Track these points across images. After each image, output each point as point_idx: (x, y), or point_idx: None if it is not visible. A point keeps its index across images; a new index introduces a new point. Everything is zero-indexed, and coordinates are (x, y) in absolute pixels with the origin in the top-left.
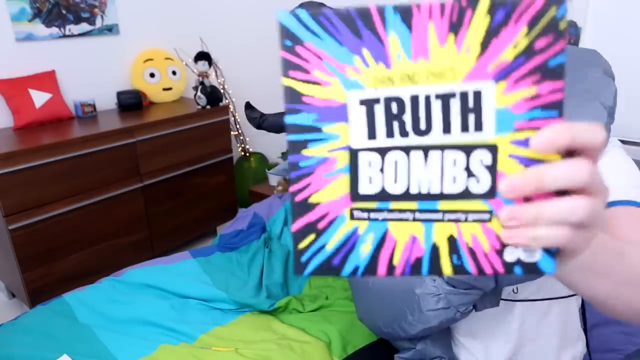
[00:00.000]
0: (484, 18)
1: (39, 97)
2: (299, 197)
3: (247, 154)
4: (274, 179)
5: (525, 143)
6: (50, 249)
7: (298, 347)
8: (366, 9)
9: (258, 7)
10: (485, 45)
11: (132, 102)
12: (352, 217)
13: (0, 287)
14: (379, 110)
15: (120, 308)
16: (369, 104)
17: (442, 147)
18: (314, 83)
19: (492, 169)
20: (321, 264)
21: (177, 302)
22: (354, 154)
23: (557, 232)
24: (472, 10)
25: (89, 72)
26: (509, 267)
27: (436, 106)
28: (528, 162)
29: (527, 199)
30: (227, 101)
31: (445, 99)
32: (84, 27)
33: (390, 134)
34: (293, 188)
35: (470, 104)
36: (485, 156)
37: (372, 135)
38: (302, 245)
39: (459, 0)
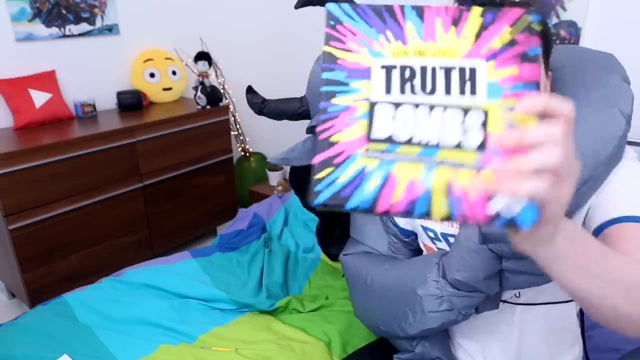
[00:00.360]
0: (477, 18)
1: (39, 97)
2: (322, 136)
3: (247, 154)
4: (274, 179)
5: (510, 109)
6: (50, 249)
7: (298, 347)
8: (391, 6)
9: (258, 8)
10: (478, 35)
11: (132, 102)
12: (365, 156)
13: (0, 287)
14: (395, 74)
15: (120, 308)
16: (388, 69)
17: (444, 106)
18: (348, 51)
19: (484, 127)
20: (332, 195)
21: (177, 302)
22: (372, 104)
23: (537, 181)
24: (468, 12)
25: (89, 72)
26: (491, 219)
27: (440, 74)
28: (512, 124)
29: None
30: (227, 101)
31: (447, 70)
32: (84, 27)
33: (402, 91)
34: (319, 128)
35: (467, 75)
36: (478, 116)
37: (388, 91)
38: (319, 176)
39: (459, 5)
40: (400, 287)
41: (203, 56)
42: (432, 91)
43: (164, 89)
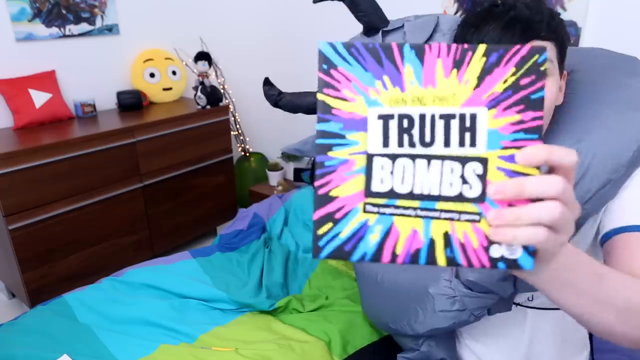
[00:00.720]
0: (481, 59)
1: (39, 97)
2: (321, 191)
3: (247, 154)
4: (274, 179)
5: (510, 158)
6: (50, 249)
7: (298, 347)
8: (389, 45)
9: (258, 8)
10: (481, 79)
11: (132, 102)
12: (364, 210)
13: (0, 287)
14: (393, 124)
15: (120, 308)
16: (385, 119)
17: (442, 158)
18: (343, 99)
19: (483, 177)
20: (335, 249)
21: (177, 302)
22: (370, 158)
23: (534, 231)
24: (472, 53)
25: (89, 72)
26: (494, 262)
27: (439, 124)
28: (512, 174)
29: (511, 205)
30: (227, 101)
31: (447, 118)
32: (84, 27)
33: (400, 143)
34: (317, 183)
35: (467, 124)
36: (477, 167)
37: (385, 143)
38: (320, 231)
39: (462, 44)
40: (411, 285)
41: (203, 56)
42: (431, 143)
43: (164, 89)
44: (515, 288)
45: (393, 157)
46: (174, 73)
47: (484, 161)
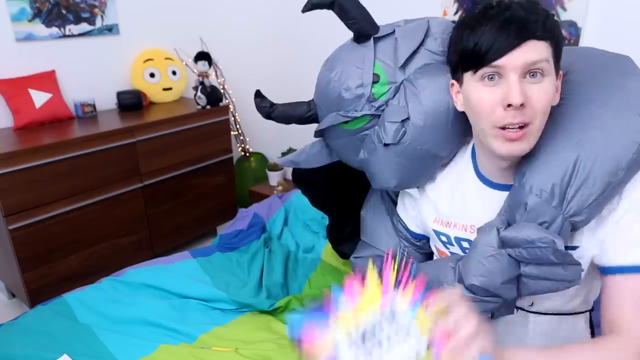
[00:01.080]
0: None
1: (39, 97)
2: None
3: (247, 154)
4: (274, 179)
5: (429, 315)
6: (50, 249)
7: None
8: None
9: (258, 8)
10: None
11: (132, 102)
12: None
13: (0, 287)
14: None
15: (120, 308)
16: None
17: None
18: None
19: (423, 336)
20: None
21: (177, 302)
22: None
23: (474, 345)
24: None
25: (89, 72)
26: None
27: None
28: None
29: None
30: (227, 101)
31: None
32: (84, 27)
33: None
34: None
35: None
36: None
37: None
38: None
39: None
40: None
41: (203, 56)
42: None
43: (164, 89)
44: (519, 291)
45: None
46: (174, 73)
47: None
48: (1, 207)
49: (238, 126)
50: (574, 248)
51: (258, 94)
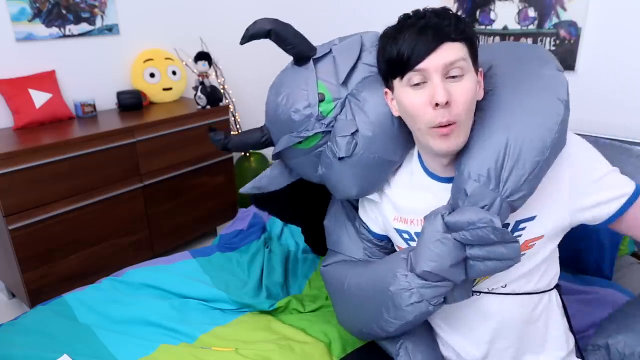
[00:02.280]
0: None
1: (39, 97)
2: None
3: (247, 154)
4: None
5: None
6: (50, 249)
7: (298, 347)
8: None
9: (258, 8)
10: None
11: (132, 102)
12: None
13: (0, 287)
14: None
15: (120, 308)
16: None
17: None
18: None
19: None
20: None
21: (177, 302)
22: None
23: None
24: None
25: (89, 72)
26: None
27: None
28: None
29: None
30: (227, 101)
31: None
32: (84, 27)
33: None
34: None
35: None
36: None
37: None
38: None
39: None
40: (373, 286)
41: (203, 56)
42: None
43: (164, 89)
44: (467, 274)
45: None
46: (174, 73)
47: None
48: (1, 207)
49: (238, 126)
50: (532, 218)
51: (211, 129)
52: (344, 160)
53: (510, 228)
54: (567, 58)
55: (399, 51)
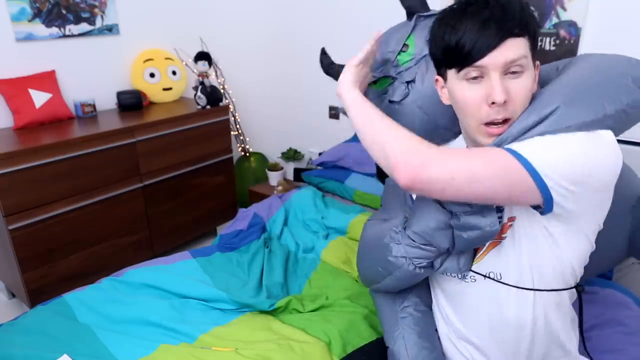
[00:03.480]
0: None
1: (39, 97)
2: None
3: (247, 154)
4: (274, 179)
5: None
6: (50, 249)
7: (298, 347)
8: None
9: (258, 8)
10: None
11: (132, 102)
12: None
13: (0, 287)
14: None
15: (120, 308)
16: None
17: None
18: None
19: None
20: None
21: (177, 302)
22: None
23: None
24: None
25: (89, 72)
26: None
27: None
28: None
29: None
30: (227, 101)
31: None
32: (84, 27)
33: None
34: None
35: None
36: None
37: None
38: None
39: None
40: (376, 238)
41: (203, 56)
42: None
43: (164, 89)
44: (454, 245)
45: None
46: (174, 73)
47: None
48: (1, 207)
49: (238, 126)
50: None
51: (324, 51)
52: (394, 107)
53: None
54: (567, 58)
55: (459, 43)
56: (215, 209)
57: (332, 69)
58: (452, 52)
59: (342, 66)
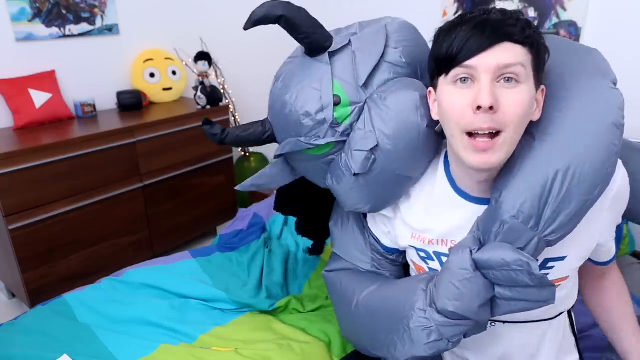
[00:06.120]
0: None
1: (39, 97)
2: None
3: (247, 154)
4: None
5: None
6: (50, 249)
7: (298, 347)
8: None
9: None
10: None
11: (132, 102)
12: None
13: (0, 287)
14: None
15: (120, 308)
16: None
17: None
18: None
19: None
20: None
21: (177, 302)
22: None
23: None
24: None
25: (89, 72)
26: None
27: None
28: None
29: None
30: (227, 101)
31: None
32: (84, 27)
33: None
34: None
35: None
36: None
37: None
38: None
39: None
40: (388, 315)
41: (203, 56)
42: None
43: (164, 89)
44: (492, 313)
45: None
46: (174, 73)
47: None
48: (1, 207)
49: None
50: (562, 258)
51: (206, 122)
52: (359, 176)
53: (538, 265)
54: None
55: (450, 46)
56: (215, 209)
57: (227, 138)
58: (443, 56)
59: (238, 128)
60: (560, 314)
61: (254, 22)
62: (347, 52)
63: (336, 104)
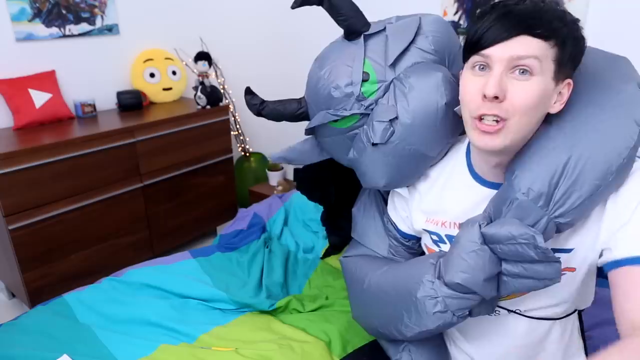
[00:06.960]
0: None
1: (39, 97)
2: None
3: (247, 154)
4: (274, 179)
5: None
6: (50, 249)
7: (298, 347)
8: None
9: (258, 8)
10: None
11: (132, 102)
12: None
13: (0, 287)
14: None
15: (120, 308)
16: None
17: None
18: None
19: None
20: None
21: (177, 302)
22: None
23: None
24: None
25: (89, 72)
26: None
27: None
28: None
29: None
30: (227, 101)
31: None
32: (84, 27)
33: None
34: None
35: None
36: None
37: None
38: None
39: None
40: (396, 289)
41: (203, 56)
42: None
43: (164, 89)
44: (498, 290)
45: None
46: (174, 73)
47: None
48: (1, 207)
49: (238, 126)
50: (569, 250)
51: (248, 91)
52: (378, 147)
53: None
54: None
55: (475, 33)
56: (215, 209)
57: (265, 109)
58: (468, 42)
59: (276, 102)
60: (568, 315)
61: (300, 2)
62: (381, 36)
63: (364, 80)
